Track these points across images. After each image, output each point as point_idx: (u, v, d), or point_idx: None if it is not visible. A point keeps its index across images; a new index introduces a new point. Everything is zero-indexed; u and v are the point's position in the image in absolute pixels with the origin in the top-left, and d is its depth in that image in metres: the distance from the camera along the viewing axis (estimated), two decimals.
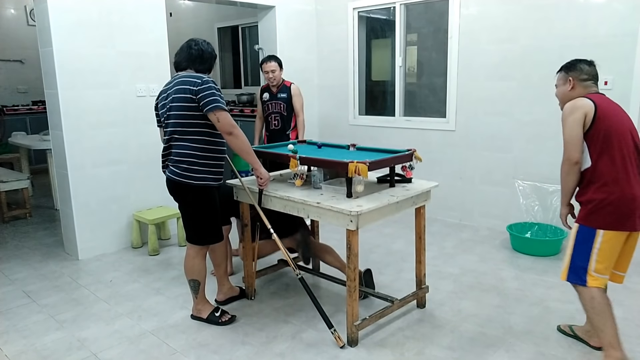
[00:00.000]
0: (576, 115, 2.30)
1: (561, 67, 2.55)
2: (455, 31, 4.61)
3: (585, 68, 2.46)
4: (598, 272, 2.33)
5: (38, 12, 3.84)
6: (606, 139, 2.29)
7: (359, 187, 2.63)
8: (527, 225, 4.24)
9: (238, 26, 7.53)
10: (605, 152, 2.30)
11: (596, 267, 2.32)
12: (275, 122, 4.48)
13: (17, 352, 2.69)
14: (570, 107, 2.34)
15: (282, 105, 4.45)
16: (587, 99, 2.34)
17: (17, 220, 5.16)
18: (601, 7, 3.84)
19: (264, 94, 4.52)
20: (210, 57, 2.84)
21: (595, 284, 2.33)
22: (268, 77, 4.39)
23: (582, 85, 2.46)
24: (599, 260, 2.31)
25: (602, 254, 2.30)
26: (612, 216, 2.28)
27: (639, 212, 2.29)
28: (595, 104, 2.31)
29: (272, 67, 4.35)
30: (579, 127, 2.30)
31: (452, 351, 2.63)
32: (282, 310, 3.12)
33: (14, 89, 7.81)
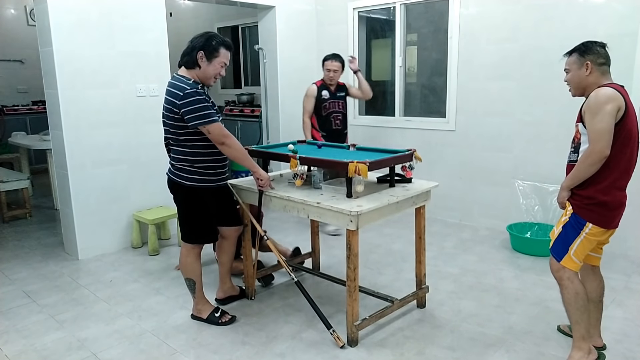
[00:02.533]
0: (612, 107, 2.17)
1: (574, 49, 2.40)
2: (455, 31, 4.61)
3: (602, 51, 2.32)
4: (576, 257, 2.39)
5: (38, 12, 3.84)
6: (625, 140, 2.23)
7: (359, 187, 2.63)
8: (527, 225, 4.24)
9: (238, 26, 7.53)
10: (620, 153, 2.24)
11: (575, 252, 2.38)
12: (337, 121, 4.44)
13: (17, 352, 2.69)
14: (606, 96, 2.19)
15: (342, 104, 4.43)
16: (616, 90, 2.21)
17: (17, 220, 5.16)
18: (601, 7, 3.84)
19: (324, 92, 4.41)
20: (192, 51, 2.69)
21: (569, 265, 2.39)
22: (329, 76, 4.34)
23: (600, 70, 2.32)
24: (579, 247, 2.37)
25: (585, 242, 2.37)
26: (604, 216, 2.34)
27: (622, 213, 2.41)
28: (625, 99, 2.20)
29: (336, 67, 4.33)
30: (613, 120, 2.18)
31: (452, 351, 2.63)
32: (282, 310, 3.12)
33: (14, 89, 7.81)
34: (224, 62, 2.72)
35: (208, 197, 2.84)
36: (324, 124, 4.42)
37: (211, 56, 2.67)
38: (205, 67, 2.68)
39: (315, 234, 3.68)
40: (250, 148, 3.23)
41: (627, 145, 2.25)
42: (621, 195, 2.35)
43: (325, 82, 4.43)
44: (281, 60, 5.44)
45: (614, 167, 2.26)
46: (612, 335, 2.74)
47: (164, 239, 4.47)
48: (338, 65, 4.33)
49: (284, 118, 5.55)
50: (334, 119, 4.40)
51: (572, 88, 2.45)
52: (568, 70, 2.45)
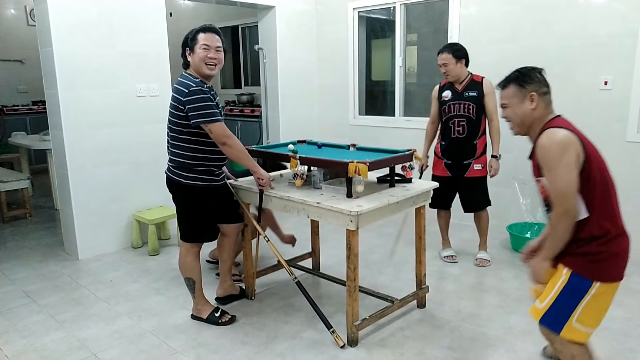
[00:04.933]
0: (570, 156, 1.84)
1: (509, 79, 2.08)
2: (455, 31, 4.61)
3: (542, 78, 2.02)
4: (580, 323, 1.94)
5: (38, 12, 3.84)
6: (603, 182, 1.92)
7: (359, 187, 2.63)
8: (527, 225, 4.24)
9: (238, 26, 7.53)
10: (605, 197, 1.94)
11: (579, 318, 1.93)
12: (459, 128, 3.64)
13: (17, 352, 2.69)
14: (559, 145, 1.85)
15: (470, 107, 3.60)
16: (564, 129, 1.89)
17: (17, 220, 5.16)
18: (601, 7, 3.84)
19: (445, 92, 3.70)
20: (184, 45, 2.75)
21: (571, 336, 1.96)
22: (442, 72, 3.66)
23: (545, 100, 2.00)
24: (584, 311, 1.93)
25: (593, 305, 1.94)
26: (615, 268, 1.95)
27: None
28: (578, 137, 1.88)
29: (443, 60, 3.60)
30: (575, 171, 1.84)
31: (452, 351, 2.63)
32: (282, 310, 3.12)
33: (14, 89, 7.81)
34: (203, 44, 2.68)
35: (207, 195, 2.85)
36: (443, 131, 3.74)
37: (192, 46, 2.70)
38: (192, 59, 2.71)
39: (316, 233, 3.69)
40: (251, 148, 3.23)
41: (605, 190, 1.95)
42: (627, 240, 2.01)
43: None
44: (281, 60, 5.44)
45: (606, 216, 1.95)
46: (612, 335, 2.74)
47: (164, 239, 4.47)
48: (446, 57, 3.59)
49: (284, 118, 5.55)
50: (455, 125, 3.64)
51: (515, 126, 2.08)
52: (506, 106, 2.08)
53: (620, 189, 4.14)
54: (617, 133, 3.87)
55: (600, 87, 3.90)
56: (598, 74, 3.90)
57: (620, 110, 3.84)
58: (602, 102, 3.91)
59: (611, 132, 3.90)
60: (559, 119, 1.99)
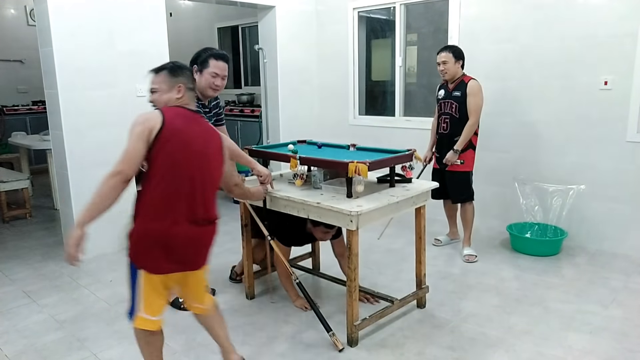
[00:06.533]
0: (142, 132, 1.92)
1: (162, 67, 2.12)
2: (455, 31, 4.61)
3: (191, 76, 2.17)
4: (147, 313, 2.04)
5: (38, 12, 3.84)
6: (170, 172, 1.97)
7: (359, 187, 2.63)
8: (527, 225, 4.24)
9: (238, 26, 7.52)
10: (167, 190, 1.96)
11: (144, 307, 2.03)
12: (444, 125, 3.93)
13: (17, 352, 2.69)
14: (138, 119, 1.96)
15: (454, 106, 3.84)
16: (161, 113, 1.97)
17: (17, 220, 5.16)
18: (601, 7, 3.83)
19: (440, 91, 3.99)
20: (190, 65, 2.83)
21: (142, 325, 2.06)
22: (440, 70, 3.86)
23: (188, 95, 2.12)
24: (145, 297, 2.02)
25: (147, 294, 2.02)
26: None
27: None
28: (167, 124, 1.93)
29: (443, 58, 3.79)
30: (142, 143, 1.92)
31: (452, 351, 2.63)
32: (282, 310, 3.12)
33: (14, 89, 7.81)
34: (214, 72, 2.80)
35: None
36: (438, 127, 4.03)
37: (202, 68, 2.81)
38: (198, 79, 2.80)
39: None
40: (251, 148, 3.23)
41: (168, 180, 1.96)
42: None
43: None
44: (281, 60, 5.44)
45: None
46: (612, 335, 2.74)
47: None
48: (445, 55, 3.78)
49: (284, 118, 5.55)
50: (442, 122, 3.95)
51: (158, 104, 2.13)
52: (155, 90, 2.14)
53: (620, 188, 4.16)
54: (617, 133, 3.87)
55: (600, 87, 3.90)
56: (598, 74, 3.90)
57: (620, 110, 3.84)
58: (602, 102, 3.91)
59: (611, 132, 3.90)
60: (173, 107, 2.05)
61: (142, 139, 1.92)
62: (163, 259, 1.97)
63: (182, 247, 2.00)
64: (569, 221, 4.08)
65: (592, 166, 4.03)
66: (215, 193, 2.12)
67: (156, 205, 1.95)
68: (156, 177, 1.95)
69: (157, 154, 1.93)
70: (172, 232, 1.95)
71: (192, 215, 1.99)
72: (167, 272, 2.02)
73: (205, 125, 2.14)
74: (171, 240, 1.96)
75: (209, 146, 2.07)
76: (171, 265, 2.00)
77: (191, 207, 1.99)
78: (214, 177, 2.09)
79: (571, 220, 4.09)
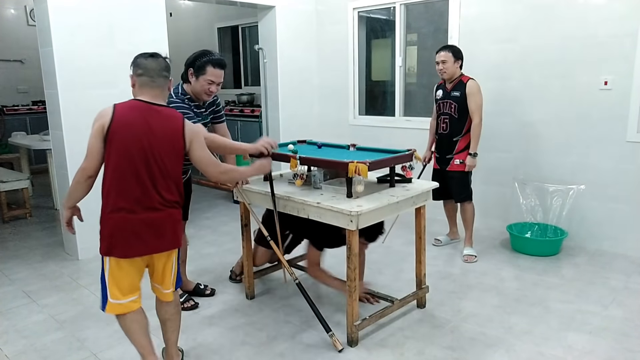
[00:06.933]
0: (95, 128, 2.15)
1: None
2: (455, 31, 4.61)
3: (143, 62, 2.21)
4: (114, 298, 2.20)
5: (38, 12, 3.84)
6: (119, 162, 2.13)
7: (359, 187, 2.63)
8: (527, 225, 4.24)
9: (238, 26, 7.52)
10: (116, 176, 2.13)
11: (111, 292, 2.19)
12: (443, 125, 3.93)
13: (17, 352, 2.69)
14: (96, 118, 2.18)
15: (453, 106, 3.83)
16: (112, 107, 2.18)
17: (17, 220, 5.16)
18: (601, 7, 3.83)
19: (438, 91, 3.99)
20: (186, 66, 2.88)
21: (113, 310, 2.23)
22: (439, 69, 3.84)
23: (140, 82, 2.22)
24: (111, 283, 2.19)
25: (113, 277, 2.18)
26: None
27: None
28: (116, 117, 2.13)
29: (442, 57, 3.77)
30: (98, 139, 2.13)
31: (452, 351, 2.63)
32: (282, 310, 3.12)
33: (14, 89, 7.81)
34: (209, 79, 2.80)
35: None
36: (437, 128, 4.03)
37: (198, 73, 2.81)
38: (193, 83, 2.83)
39: None
40: None
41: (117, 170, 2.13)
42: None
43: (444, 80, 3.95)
44: (281, 60, 5.44)
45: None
46: (612, 335, 2.74)
47: None
48: (445, 54, 3.77)
49: (284, 118, 5.55)
50: (441, 122, 3.94)
51: None
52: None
53: (620, 188, 4.16)
54: (617, 133, 3.87)
55: (600, 87, 3.90)
56: (598, 74, 3.90)
57: (620, 110, 3.84)
58: (602, 102, 3.91)
59: (611, 132, 3.90)
60: (129, 101, 2.23)
61: (97, 136, 2.13)
62: (124, 245, 2.12)
63: (139, 232, 2.13)
64: (569, 221, 4.08)
65: (592, 166, 4.03)
66: (172, 179, 2.21)
67: (112, 195, 2.12)
68: (110, 169, 2.13)
69: (109, 147, 2.11)
70: (127, 219, 2.11)
71: (148, 202, 2.13)
72: (128, 257, 2.15)
73: (164, 115, 2.20)
74: (129, 227, 2.11)
75: (162, 136, 2.15)
76: (131, 250, 2.14)
77: (145, 194, 2.12)
78: (166, 165, 2.17)
79: (571, 220, 4.09)
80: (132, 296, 2.23)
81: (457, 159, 3.89)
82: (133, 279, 2.22)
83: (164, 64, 2.25)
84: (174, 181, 2.21)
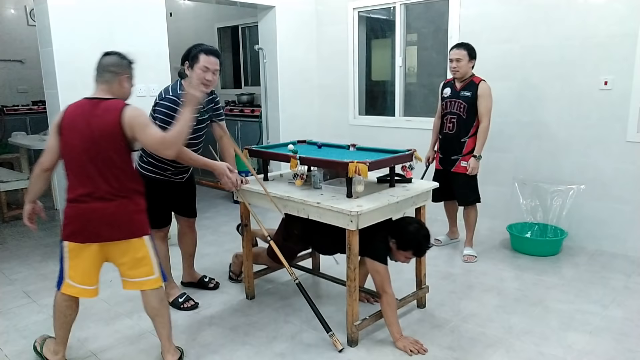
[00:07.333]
0: (52, 127, 2.35)
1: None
2: (455, 31, 4.61)
3: (102, 60, 2.42)
4: (72, 280, 2.33)
5: (38, 12, 3.84)
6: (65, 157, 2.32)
7: (359, 187, 2.63)
8: (527, 225, 4.24)
9: (238, 26, 7.52)
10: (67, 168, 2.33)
11: (70, 275, 2.33)
12: (450, 125, 3.84)
13: (17, 352, 2.69)
14: None
15: (462, 106, 3.76)
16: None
17: (17, 220, 5.16)
18: (601, 7, 3.84)
19: (445, 89, 3.90)
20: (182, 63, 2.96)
21: (67, 290, 2.35)
22: (452, 67, 3.76)
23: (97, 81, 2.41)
24: (71, 267, 2.33)
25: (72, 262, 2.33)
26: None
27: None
28: (65, 116, 2.30)
29: (457, 55, 3.70)
30: (53, 138, 2.32)
31: (452, 351, 2.63)
32: (282, 310, 3.12)
33: (14, 89, 7.81)
34: (204, 66, 2.81)
35: (156, 187, 2.97)
36: (440, 127, 3.96)
37: (193, 63, 2.83)
38: (190, 74, 2.85)
39: None
40: (251, 148, 3.23)
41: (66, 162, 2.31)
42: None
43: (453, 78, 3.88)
44: (281, 60, 5.44)
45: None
46: (612, 335, 2.74)
47: None
48: (460, 52, 3.70)
49: (284, 118, 5.55)
50: (447, 121, 3.84)
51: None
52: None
53: (620, 188, 4.16)
54: (617, 133, 3.87)
55: (600, 87, 3.90)
56: (598, 74, 3.90)
57: (620, 110, 3.84)
58: (602, 102, 3.91)
59: (611, 132, 3.90)
60: (81, 99, 2.36)
61: (52, 133, 2.33)
62: (79, 232, 2.28)
63: (91, 221, 2.26)
64: (569, 221, 4.08)
65: (592, 166, 4.03)
66: (120, 169, 2.29)
67: (67, 187, 2.31)
68: (64, 163, 2.32)
69: (60, 143, 2.29)
70: (80, 208, 2.27)
71: (97, 193, 2.25)
72: (82, 242, 2.29)
73: (104, 107, 2.30)
74: (82, 216, 2.27)
75: (102, 128, 2.24)
76: (85, 237, 2.28)
77: (94, 185, 2.25)
78: (111, 156, 2.26)
79: (571, 220, 4.09)
80: (85, 285, 2.34)
81: (464, 160, 3.82)
82: (89, 268, 2.33)
83: (113, 60, 2.40)
84: (123, 171, 2.30)
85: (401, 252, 2.70)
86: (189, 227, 3.39)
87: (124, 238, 2.30)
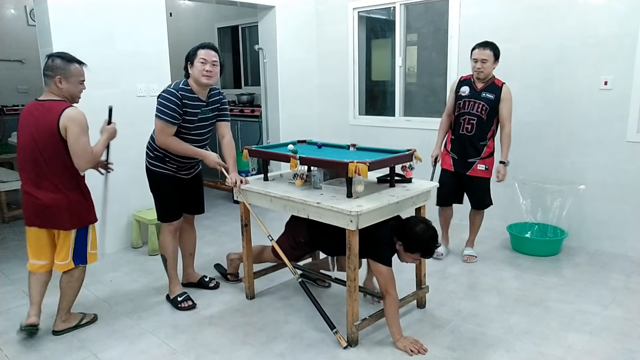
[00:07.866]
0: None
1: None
2: (455, 31, 4.61)
3: (50, 63, 2.60)
4: (31, 258, 2.76)
5: (38, 12, 3.84)
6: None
7: (359, 187, 2.63)
8: (527, 225, 4.24)
9: (238, 26, 7.52)
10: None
11: (29, 255, 2.76)
12: (468, 126, 3.65)
13: (17, 352, 2.69)
14: None
15: (484, 108, 3.61)
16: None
17: (17, 220, 5.16)
18: (601, 7, 3.84)
19: (463, 87, 3.70)
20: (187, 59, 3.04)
21: (30, 268, 2.77)
22: (476, 68, 3.61)
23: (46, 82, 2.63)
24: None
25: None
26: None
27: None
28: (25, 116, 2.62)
29: (485, 56, 3.57)
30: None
31: (452, 351, 2.63)
32: (282, 310, 3.12)
33: (14, 89, 7.80)
34: (202, 58, 2.93)
35: (167, 182, 3.09)
36: (455, 127, 3.75)
37: (192, 59, 2.97)
38: (192, 71, 2.96)
39: None
40: (250, 148, 3.23)
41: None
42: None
43: (472, 76, 3.71)
44: (281, 60, 5.44)
45: None
46: (612, 335, 2.74)
47: None
48: (488, 53, 3.58)
49: (284, 118, 5.55)
50: (465, 122, 3.65)
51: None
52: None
53: (620, 188, 4.16)
54: (617, 133, 3.87)
55: (600, 87, 3.90)
56: (598, 74, 3.90)
57: (620, 110, 3.84)
58: (602, 102, 3.91)
59: (611, 132, 3.90)
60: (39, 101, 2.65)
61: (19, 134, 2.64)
62: (27, 217, 2.67)
63: (36, 210, 2.63)
64: (569, 221, 4.08)
65: (592, 166, 4.03)
66: (60, 166, 2.59)
67: (20, 179, 2.67)
68: (17, 158, 2.68)
69: (17, 141, 2.64)
70: (28, 198, 2.64)
71: (41, 186, 2.60)
72: (29, 225, 2.69)
73: (45, 108, 2.56)
74: (29, 205, 2.64)
75: (43, 129, 2.54)
76: (32, 222, 2.67)
77: (38, 179, 2.59)
78: (50, 154, 2.56)
79: (571, 220, 4.09)
80: (39, 260, 2.75)
81: (482, 164, 3.68)
82: (40, 247, 2.72)
83: (47, 63, 2.60)
84: (63, 167, 2.59)
85: (409, 254, 2.65)
86: (189, 224, 3.41)
87: (61, 228, 2.67)
